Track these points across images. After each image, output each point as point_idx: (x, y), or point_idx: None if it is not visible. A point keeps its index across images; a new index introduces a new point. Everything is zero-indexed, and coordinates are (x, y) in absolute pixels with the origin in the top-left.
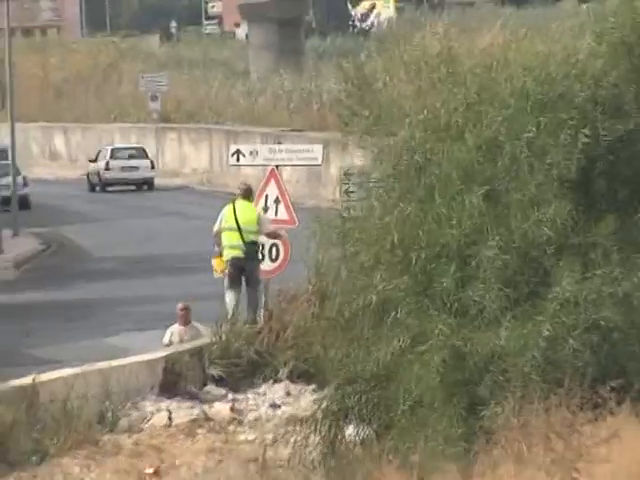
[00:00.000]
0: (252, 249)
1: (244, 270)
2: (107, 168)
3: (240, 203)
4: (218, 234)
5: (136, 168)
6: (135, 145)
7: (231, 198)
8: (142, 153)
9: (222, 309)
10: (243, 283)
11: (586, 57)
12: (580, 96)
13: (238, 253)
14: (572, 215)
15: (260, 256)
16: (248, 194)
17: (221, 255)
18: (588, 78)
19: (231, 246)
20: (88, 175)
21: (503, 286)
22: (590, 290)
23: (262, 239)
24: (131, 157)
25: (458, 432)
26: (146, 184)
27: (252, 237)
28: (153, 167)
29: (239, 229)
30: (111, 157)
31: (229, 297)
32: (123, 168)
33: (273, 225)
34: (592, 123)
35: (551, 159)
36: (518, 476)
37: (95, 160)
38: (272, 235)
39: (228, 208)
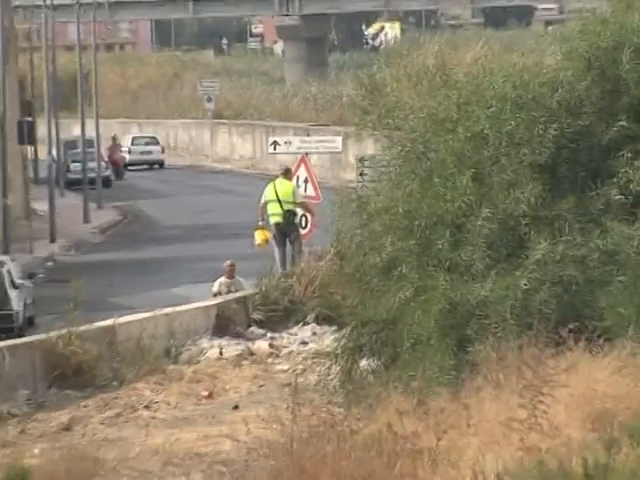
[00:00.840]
0: (290, 216)
1: (285, 233)
2: (129, 152)
3: (280, 180)
4: (264, 206)
5: (150, 152)
6: (150, 135)
7: (271, 178)
8: (155, 140)
9: (263, 266)
10: (287, 243)
11: (556, 69)
12: (549, 99)
13: (279, 219)
14: (542, 194)
15: (298, 222)
16: (287, 173)
17: (262, 228)
18: (557, 85)
19: (273, 214)
20: None
21: (487, 249)
22: (556, 253)
23: (298, 210)
24: (147, 144)
25: (449, 364)
26: (158, 164)
27: (289, 206)
28: (163, 151)
29: (279, 200)
30: (132, 144)
31: (276, 254)
32: (142, 152)
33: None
34: (559, 120)
35: (525, 149)
36: (496, 399)
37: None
38: (305, 206)
39: (270, 185)
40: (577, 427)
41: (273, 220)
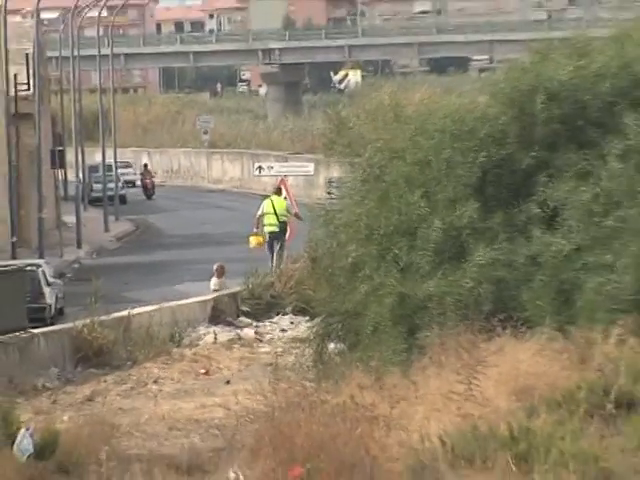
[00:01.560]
0: (282, 226)
1: (277, 239)
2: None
3: (274, 197)
4: (260, 218)
5: (126, 174)
6: (126, 160)
7: (264, 195)
8: (129, 164)
9: (249, 268)
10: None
11: (485, 107)
12: (479, 132)
13: (274, 229)
14: (478, 209)
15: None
16: (279, 191)
17: (256, 234)
18: (486, 120)
19: (269, 224)
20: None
21: (434, 253)
22: (490, 258)
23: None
24: (125, 167)
25: (401, 347)
26: (132, 183)
27: (283, 218)
28: (135, 173)
29: (275, 214)
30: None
31: (271, 256)
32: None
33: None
34: (487, 149)
35: (460, 172)
36: (438, 376)
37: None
38: (297, 215)
39: (267, 201)
40: (504, 398)
41: (269, 229)
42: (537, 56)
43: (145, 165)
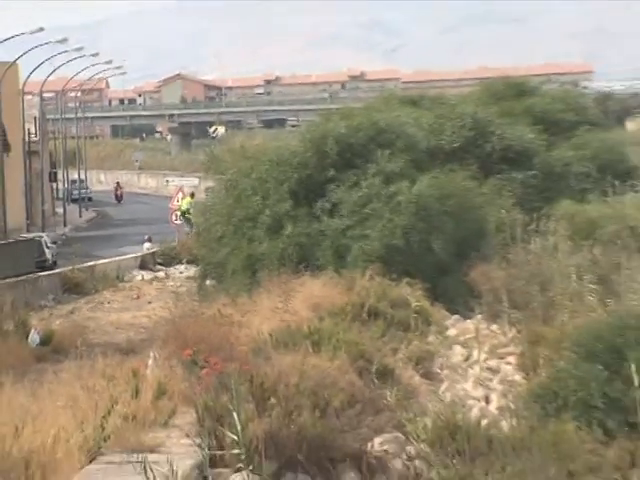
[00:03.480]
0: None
1: (190, 224)
2: (71, 189)
3: (187, 198)
4: (179, 208)
5: (84, 189)
6: (81, 178)
7: (185, 195)
8: (85, 182)
9: (163, 238)
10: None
11: (296, 147)
12: (293, 160)
13: (187, 214)
14: (292, 205)
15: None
16: (192, 195)
17: (176, 219)
18: (297, 154)
19: (182, 212)
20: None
21: (266, 229)
22: (296, 232)
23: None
24: (80, 183)
25: (247, 282)
26: (89, 197)
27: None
28: (88, 188)
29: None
30: (72, 184)
31: (184, 229)
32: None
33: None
34: (297, 171)
35: (282, 185)
36: (268, 299)
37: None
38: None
39: (186, 199)
40: (305, 311)
41: (182, 214)
42: (324, 118)
43: (117, 182)
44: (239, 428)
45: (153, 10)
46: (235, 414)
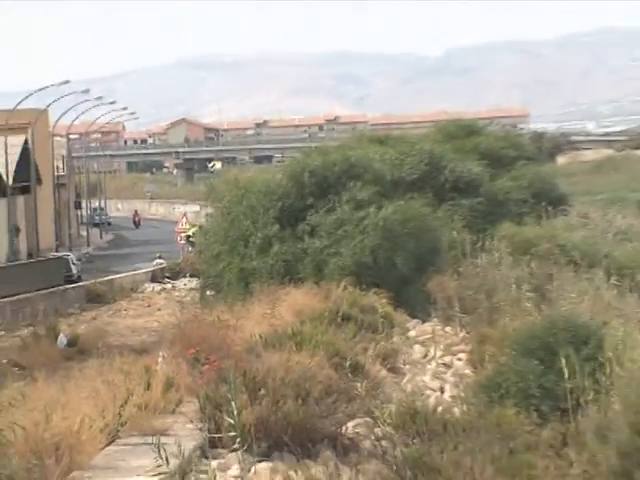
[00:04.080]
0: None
1: (192, 245)
2: (93, 215)
3: (196, 226)
4: (186, 232)
5: (104, 216)
6: (102, 206)
7: (193, 224)
8: (104, 209)
9: (170, 256)
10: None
11: (281, 179)
12: (278, 191)
13: (191, 238)
14: (277, 228)
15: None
16: (201, 226)
17: (181, 240)
18: (281, 185)
19: (187, 236)
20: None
21: (258, 248)
22: (282, 250)
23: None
24: (100, 210)
25: (241, 293)
26: (107, 222)
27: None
28: (107, 215)
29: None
30: (94, 211)
31: (187, 249)
32: (100, 215)
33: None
34: (282, 200)
35: (269, 211)
36: (259, 306)
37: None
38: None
39: (195, 227)
40: (290, 316)
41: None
42: (304, 154)
43: (135, 210)
44: (235, 414)
45: (162, 65)
46: (232, 403)
